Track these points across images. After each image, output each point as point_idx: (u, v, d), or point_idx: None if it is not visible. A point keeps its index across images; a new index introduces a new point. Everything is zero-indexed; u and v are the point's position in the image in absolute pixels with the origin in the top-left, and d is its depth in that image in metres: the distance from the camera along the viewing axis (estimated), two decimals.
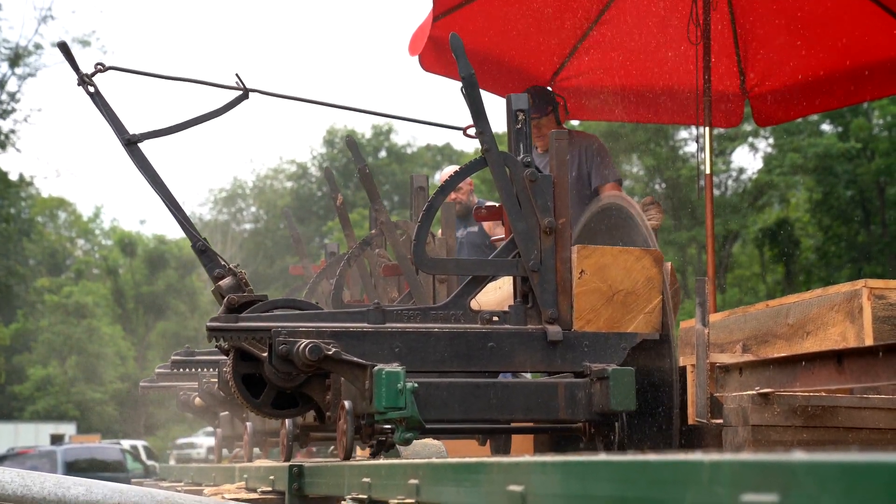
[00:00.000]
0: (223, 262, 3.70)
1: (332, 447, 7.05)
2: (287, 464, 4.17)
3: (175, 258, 46.67)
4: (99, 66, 3.73)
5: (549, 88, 6.42)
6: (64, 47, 3.72)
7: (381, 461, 3.26)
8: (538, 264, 3.51)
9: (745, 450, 3.13)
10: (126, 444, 29.81)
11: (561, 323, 3.52)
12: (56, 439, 31.52)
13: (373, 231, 5.35)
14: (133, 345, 45.11)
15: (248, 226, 54.39)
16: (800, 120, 24.41)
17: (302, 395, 3.76)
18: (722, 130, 24.42)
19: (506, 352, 3.46)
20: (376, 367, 3.24)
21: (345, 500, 3.12)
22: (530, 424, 4.03)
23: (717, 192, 29.36)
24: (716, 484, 1.35)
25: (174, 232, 61.09)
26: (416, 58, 6.24)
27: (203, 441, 34.26)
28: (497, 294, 4.27)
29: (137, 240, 48.69)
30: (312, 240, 45.23)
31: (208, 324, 3.48)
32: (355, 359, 3.36)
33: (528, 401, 3.41)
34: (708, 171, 6.31)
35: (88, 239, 52.10)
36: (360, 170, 5.03)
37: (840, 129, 28.35)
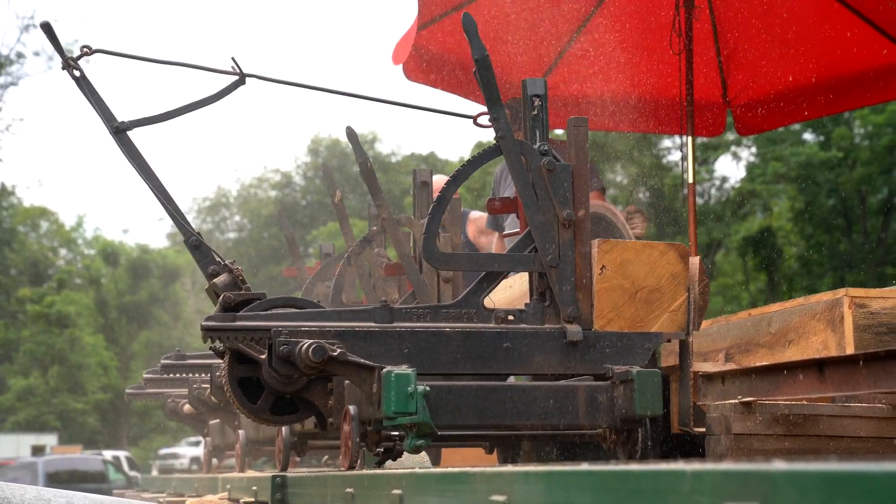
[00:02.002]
0: (218, 259, 3.51)
1: (325, 457, 6.95)
2: (270, 474, 4.15)
3: (158, 267, 46.54)
4: (85, 49, 3.53)
5: None
6: (47, 28, 3.48)
7: (365, 471, 3.23)
8: (556, 259, 3.30)
9: (727, 458, 3.13)
10: (108, 454, 29.68)
11: (581, 322, 3.31)
12: (37, 450, 31.35)
13: (374, 228, 5.14)
14: (116, 355, 44.90)
15: (231, 235, 54.27)
16: (782, 129, 24.54)
17: (302, 399, 3.58)
18: (705, 139, 24.52)
19: (522, 353, 3.24)
20: (385, 370, 3.05)
21: None
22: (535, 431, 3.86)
23: (700, 201, 29.47)
24: (698, 493, 1.36)
25: (157, 241, 60.84)
26: (400, 67, 6.27)
27: (186, 451, 34.14)
28: (508, 293, 4.09)
29: (120, 249, 48.52)
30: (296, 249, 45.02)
31: (204, 323, 3.29)
32: (362, 360, 3.16)
33: (546, 405, 3.19)
34: (691, 180, 6.33)
35: (71, 248, 51.84)
36: (360, 163, 4.76)
37: (822, 138, 28.50)
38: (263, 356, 3.40)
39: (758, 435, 3.18)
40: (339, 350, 3.15)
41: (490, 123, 3.40)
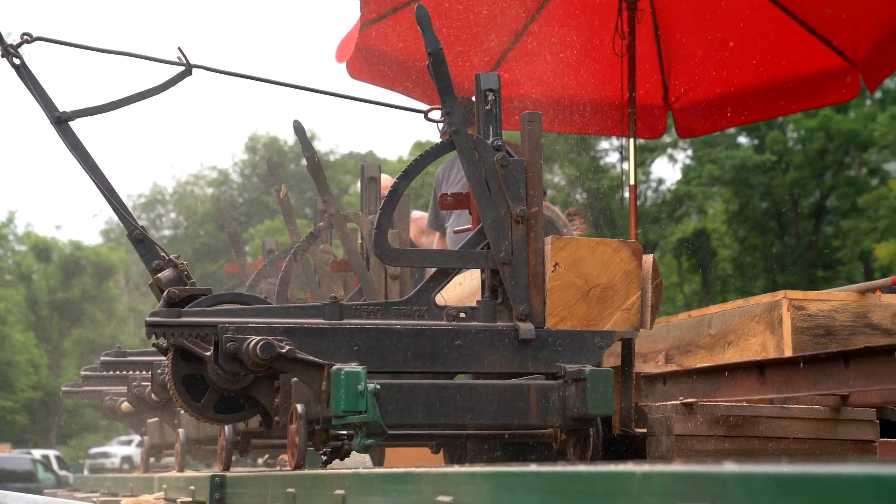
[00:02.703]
0: (162, 253, 3.42)
1: (265, 456, 6.87)
2: (208, 473, 4.09)
3: (91, 264, 45.90)
4: (26, 37, 3.40)
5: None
6: None
7: (307, 471, 3.19)
8: (509, 256, 3.25)
9: (669, 459, 3.15)
10: (37, 453, 29.25)
11: (533, 320, 3.25)
12: None
13: (320, 224, 5.05)
14: (46, 352, 44.19)
15: (167, 232, 53.72)
16: (717, 132, 24.85)
17: (248, 397, 3.50)
18: (642, 141, 24.75)
19: (474, 351, 3.18)
20: (334, 367, 2.97)
21: None
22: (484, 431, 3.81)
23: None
24: (647, 495, 1.35)
25: (91, 238, 59.99)
26: (344, 65, 6.26)
27: (118, 450, 33.77)
28: (458, 290, 4.05)
29: (53, 245, 47.77)
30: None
31: (148, 318, 3.19)
32: (311, 358, 3.09)
33: (498, 404, 3.09)
34: (632, 182, 6.38)
35: (1, 244, 50.90)
36: (308, 157, 4.68)
37: (756, 141, 28.96)
38: (208, 353, 3.33)
39: (699, 436, 3.20)
40: (287, 347, 3.07)
41: (441, 118, 3.36)
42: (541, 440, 3.58)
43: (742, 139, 29.32)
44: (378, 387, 2.98)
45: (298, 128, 4.61)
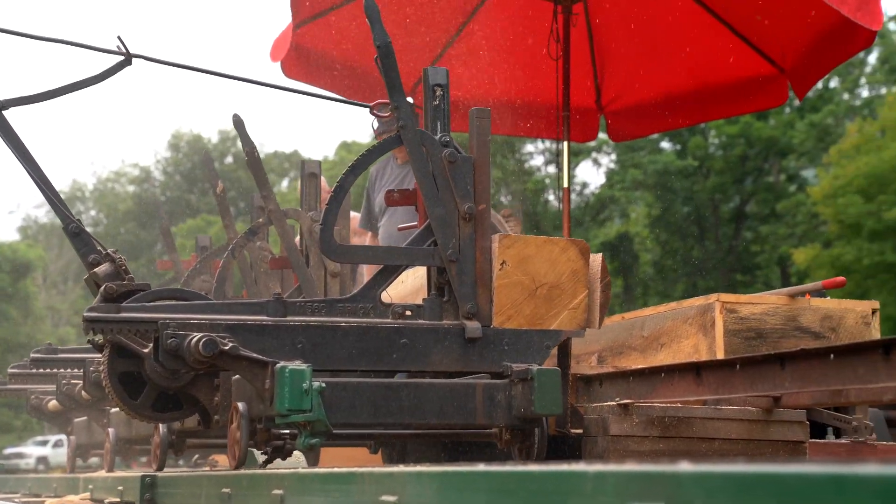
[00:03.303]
0: (99, 247, 3.36)
1: (195, 457, 6.76)
2: (139, 473, 4.01)
3: (8, 261, 44.90)
4: None
5: (410, 100, 6.43)
6: None
7: (243, 471, 3.14)
8: (456, 253, 3.21)
9: (605, 459, 3.17)
10: None
11: (480, 318, 3.22)
12: None
13: (259, 220, 5.01)
14: None
15: (87, 230, 52.75)
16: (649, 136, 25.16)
17: (186, 396, 3.43)
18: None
19: (419, 349, 3.16)
20: (279, 365, 2.92)
21: None
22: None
23: (561, 206, 29.90)
24: (601, 494, 1.35)
25: (7, 234, 58.77)
26: (279, 64, 6.22)
27: (33, 451, 33.11)
28: (400, 288, 4.02)
29: None
30: (155, 245, 44.31)
31: (86, 314, 3.10)
32: (255, 355, 3.02)
33: (443, 403, 3.11)
34: (566, 185, 6.42)
35: None
36: (247, 153, 4.62)
37: (678, 146, 29.34)
38: (146, 350, 3.26)
39: (634, 436, 3.22)
40: (230, 344, 3.00)
41: (387, 113, 3.32)
42: (485, 440, 3.57)
43: (665, 144, 29.71)
44: (323, 385, 2.92)
45: (238, 122, 4.54)
